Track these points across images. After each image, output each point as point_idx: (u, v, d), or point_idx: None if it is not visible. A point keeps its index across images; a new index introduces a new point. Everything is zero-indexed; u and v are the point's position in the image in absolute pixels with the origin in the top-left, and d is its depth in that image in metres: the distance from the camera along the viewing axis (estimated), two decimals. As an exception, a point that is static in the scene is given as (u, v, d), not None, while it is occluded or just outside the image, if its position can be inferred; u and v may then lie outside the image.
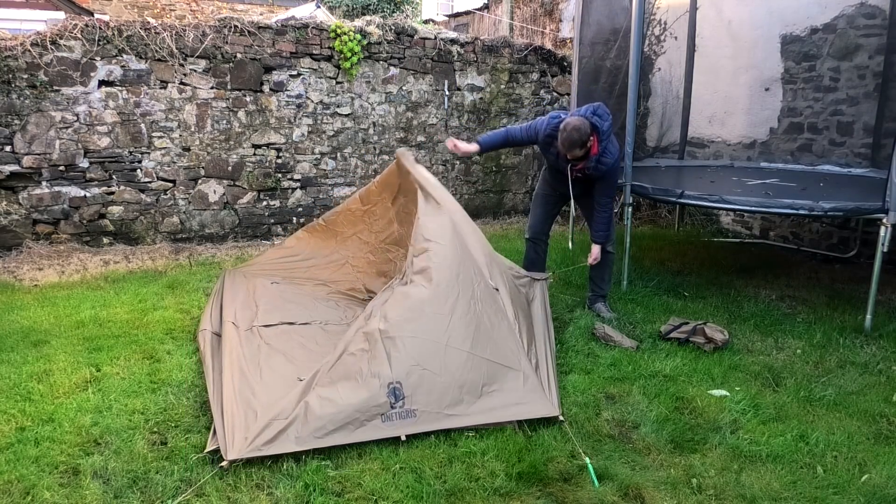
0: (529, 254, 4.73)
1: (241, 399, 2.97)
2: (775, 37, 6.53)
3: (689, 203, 4.98)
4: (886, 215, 4.03)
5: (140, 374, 3.44)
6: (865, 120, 5.90)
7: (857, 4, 5.85)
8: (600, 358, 3.81)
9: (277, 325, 3.89)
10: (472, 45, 7.31)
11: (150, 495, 2.49)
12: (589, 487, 2.61)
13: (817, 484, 2.66)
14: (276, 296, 4.33)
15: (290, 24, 6.37)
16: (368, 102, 6.88)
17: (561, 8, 10.22)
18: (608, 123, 4.04)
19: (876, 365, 3.80)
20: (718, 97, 7.06)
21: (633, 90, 4.88)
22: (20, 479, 2.54)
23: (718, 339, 3.96)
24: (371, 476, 2.63)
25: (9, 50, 5.37)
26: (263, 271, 4.74)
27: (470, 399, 3.00)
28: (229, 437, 2.72)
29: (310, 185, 6.77)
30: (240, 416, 2.83)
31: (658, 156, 7.42)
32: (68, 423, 2.93)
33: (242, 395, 3.01)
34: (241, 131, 6.35)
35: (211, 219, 6.41)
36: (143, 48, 5.80)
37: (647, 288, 5.07)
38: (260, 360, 3.40)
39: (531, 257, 4.71)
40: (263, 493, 2.51)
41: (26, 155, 5.58)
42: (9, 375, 3.38)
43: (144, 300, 4.61)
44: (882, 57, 5.72)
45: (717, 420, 3.15)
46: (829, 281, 5.47)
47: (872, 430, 3.09)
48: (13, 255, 5.57)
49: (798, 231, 6.58)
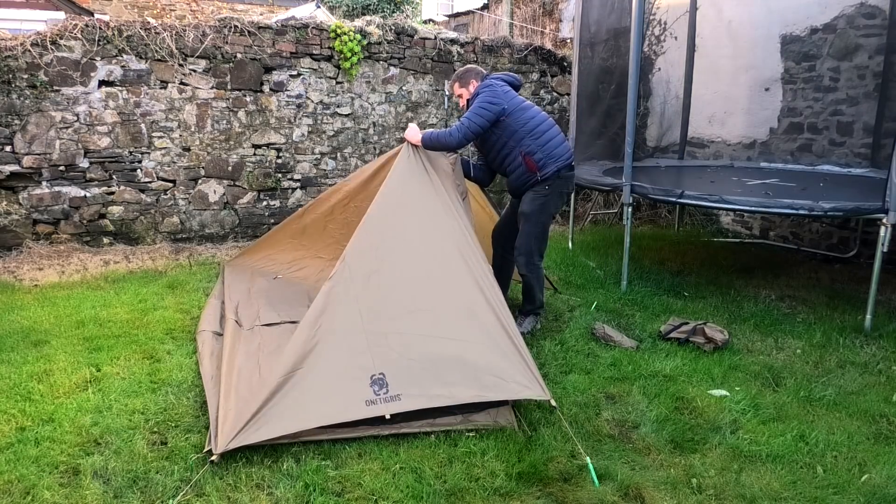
0: (493, 257, 4.41)
1: (236, 396, 2.98)
2: (775, 37, 6.53)
3: (689, 203, 4.98)
4: (886, 215, 4.03)
5: (140, 374, 3.44)
6: (865, 120, 5.90)
7: (857, 4, 5.85)
8: (600, 358, 3.81)
9: (280, 324, 3.90)
10: (472, 45, 7.31)
11: (150, 495, 2.49)
12: (589, 487, 2.61)
13: (817, 484, 2.66)
14: (278, 294, 4.35)
15: (290, 24, 6.37)
16: (368, 102, 6.88)
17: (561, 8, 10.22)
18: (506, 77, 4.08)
19: (876, 365, 3.80)
20: (718, 97, 7.06)
21: (633, 90, 4.88)
22: (20, 479, 2.55)
23: (718, 339, 3.96)
24: (371, 476, 2.63)
25: (9, 50, 5.37)
26: (265, 257, 4.82)
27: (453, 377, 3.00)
28: (221, 431, 2.73)
29: (310, 185, 6.77)
30: (233, 412, 2.84)
31: (658, 156, 7.43)
32: (68, 423, 2.93)
33: (239, 392, 3.02)
34: (241, 131, 6.35)
35: (211, 219, 6.41)
36: (143, 48, 5.80)
37: (647, 288, 5.07)
38: (260, 358, 3.41)
39: (493, 261, 4.33)
40: (263, 493, 2.51)
41: (26, 155, 5.58)
42: (9, 375, 3.38)
43: (144, 300, 4.61)
44: (882, 57, 5.72)
45: (717, 420, 3.15)
46: (829, 281, 5.47)
47: (872, 430, 3.09)
48: (13, 255, 5.57)
49: (798, 231, 6.58)
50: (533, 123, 3.95)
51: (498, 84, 3.98)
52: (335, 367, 2.93)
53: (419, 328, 3.12)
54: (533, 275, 4.12)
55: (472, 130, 3.83)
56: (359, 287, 3.16)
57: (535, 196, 4.01)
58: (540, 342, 4.01)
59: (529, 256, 4.08)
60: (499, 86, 3.97)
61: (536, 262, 4.13)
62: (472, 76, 4.08)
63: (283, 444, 2.78)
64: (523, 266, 4.11)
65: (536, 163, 3.94)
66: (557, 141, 4.03)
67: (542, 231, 4.13)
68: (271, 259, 4.99)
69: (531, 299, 4.21)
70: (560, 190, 4.09)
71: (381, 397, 2.88)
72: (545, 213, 4.08)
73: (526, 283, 4.17)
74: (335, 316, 3.06)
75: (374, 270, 3.23)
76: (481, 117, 3.83)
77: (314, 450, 2.78)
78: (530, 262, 4.09)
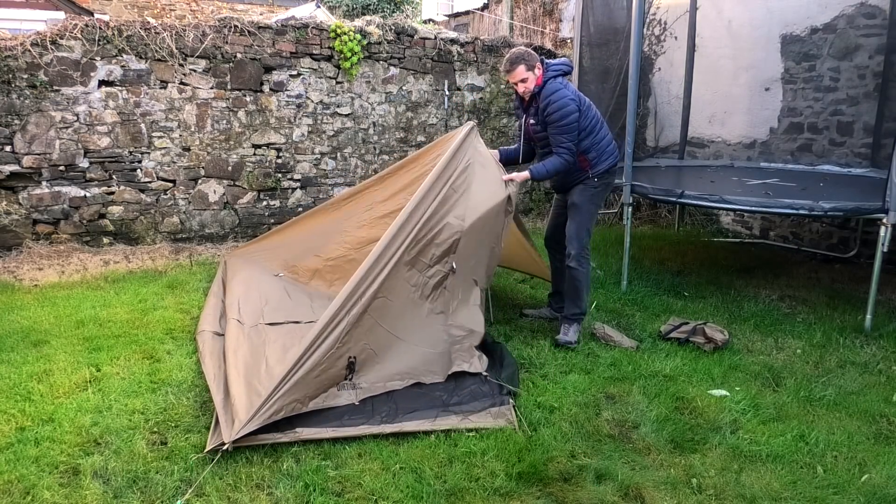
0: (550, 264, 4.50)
1: (247, 387, 3.01)
2: (775, 37, 6.53)
3: (689, 203, 4.98)
4: (886, 215, 4.04)
5: (140, 374, 3.44)
6: (865, 120, 5.90)
7: (857, 4, 5.85)
8: (600, 358, 3.81)
9: (283, 323, 3.91)
10: (472, 45, 7.31)
11: (150, 495, 2.49)
12: (589, 487, 2.61)
13: (817, 484, 2.66)
14: (281, 293, 4.35)
15: (290, 24, 6.37)
16: (368, 102, 6.88)
17: (561, 8, 10.22)
18: (560, 65, 3.94)
19: (876, 365, 3.80)
20: (718, 97, 7.06)
21: (633, 90, 4.88)
22: (20, 479, 2.54)
23: (718, 339, 3.96)
24: (371, 476, 2.63)
25: (9, 50, 5.37)
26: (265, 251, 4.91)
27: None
28: (236, 419, 2.77)
29: (310, 185, 6.77)
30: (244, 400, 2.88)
31: (658, 156, 7.43)
32: (68, 423, 2.93)
33: (249, 383, 3.05)
34: (241, 131, 6.35)
35: (211, 219, 6.41)
36: (143, 48, 5.80)
37: (647, 288, 5.07)
38: (266, 353, 3.44)
39: (552, 267, 4.47)
40: (263, 493, 2.51)
41: (26, 155, 5.58)
42: (9, 375, 3.38)
43: (144, 300, 4.61)
44: (882, 57, 5.72)
45: (717, 420, 3.15)
46: (829, 281, 5.47)
47: (872, 430, 3.09)
48: (13, 255, 5.56)
49: (798, 231, 6.58)
50: (591, 123, 3.94)
51: (563, 86, 3.86)
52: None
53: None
54: (583, 269, 4.03)
55: (575, 145, 3.84)
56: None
57: (584, 188, 4.02)
58: (540, 342, 4.01)
59: (581, 247, 4.01)
60: (568, 91, 3.85)
61: (587, 254, 4.07)
62: (536, 60, 3.88)
63: (283, 444, 2.78)
64: (574, 258, 4.01)
65: (590, 161, 3.95)
66: (609, 139, 4.06)
67: (592, 222, 4.12)
68: (273, 255, 4.98)
69: (577, 300, 4.05)
70: (607, 186, 4.17)
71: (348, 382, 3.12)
72: (594, 204, 4.09)
73: (575, 279, 4.04)
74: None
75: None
76: (572, 131, 3.81)
77: (314, 450, 2.78)
78: (581, 253, 4.01)
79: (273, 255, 4.96)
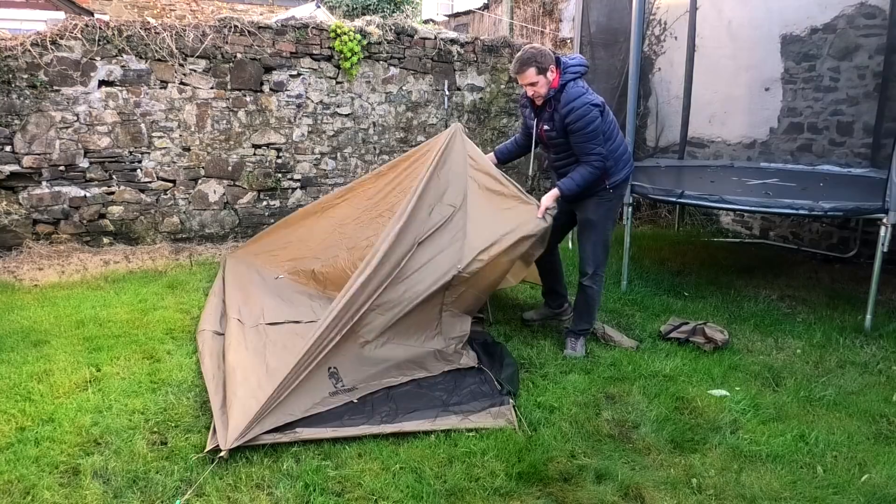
0: (538, 265, 4.25)
1: (245, 391, 3.00)
2: (775, 37, 6.53)
3: (689, 203, 4.98)
4: (886, 215, 4.03)
5: (140, 374, 3.44)
6: (865, 120, 5.90)
7: (857, 4, 5.85)
8: (600, 358, 3.81)
9: (283, 323, 3.91)
10: (472, 45, 7.31)
11: (150, 495, 2.49)
12: (589, 487, 2.61)
13: (817, 484, 2.66)
14: (281, 294, 4.36)
15: (290, 24, 6.37)
16: (368, 102, 6.88)
17: (561, 8, 10.22)
18: (578, 66, 3.63)
19: (876, 365, 3.80)
20: (718, 97, 7.06)
21: (633, 90, 4.88)
22: (20, 479, 2.55)
23: (718, 339, 3.96)
24: (371, 476, 2.63)
25: (9, 50, 5.36)
26: (268, 255, 4.93)
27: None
28: (229, 427, 2.75)
29: (310, 185, 6.77)
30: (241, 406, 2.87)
31: (658, 156, 7.43)
32: (68, 423, 2.93)
33: (248, 386, 3.05)
34: (241, 131, 6.35)
35: (211, 219, 6.41)
36: (143, 48, 5.80)
37: (647, 288, 5.07)
38: (266, 355, 3.44)
39: (540, 268, 4.27)
40: (263, 493, 2.51)
41: (26, 155, 5.58)
42: (9, 375, 3.38)
43: (144, 300, 4.61)
44: (882, 57, 5.72)
45: (717, 420, 3.15)
46: (829, 281, 5.47)
47: (872, 430, 3.09)
48: (13, 255, 5.56)
49: (798, 231, 6.58)
50: (610, 129, 3.71)
51: (586, 90, 3.58)
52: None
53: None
54: (597, 287, 3.88)
55: (604, 148, 3.60)
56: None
57: (600, 202, 3.77)
58: (540, 342, 4.01)
59: (598, 267, 3.84)
60: (591, 96, 3.58)
61: (602, 273, 3.92)
62: (550, 61, 3.55)
63: (283, 444, 2.78)
64: (589, 278, 3.83)
65: (608, 170, 3.70)
66: (625, 146, 3.85)
67: (608, 240, 3.89)
68: (273, 256, 5.00)
69: (588, 317, 3.92)
70: (622, 195, 3.96)
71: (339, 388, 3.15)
72: (610, 219, 3.87)
73: (587, 296, 3.88)
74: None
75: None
76: (599, 136, 3.56)
77: (314, 450, 2.79)
78: (597, 273, 3.85)
79: (273, 257, 4.97)
